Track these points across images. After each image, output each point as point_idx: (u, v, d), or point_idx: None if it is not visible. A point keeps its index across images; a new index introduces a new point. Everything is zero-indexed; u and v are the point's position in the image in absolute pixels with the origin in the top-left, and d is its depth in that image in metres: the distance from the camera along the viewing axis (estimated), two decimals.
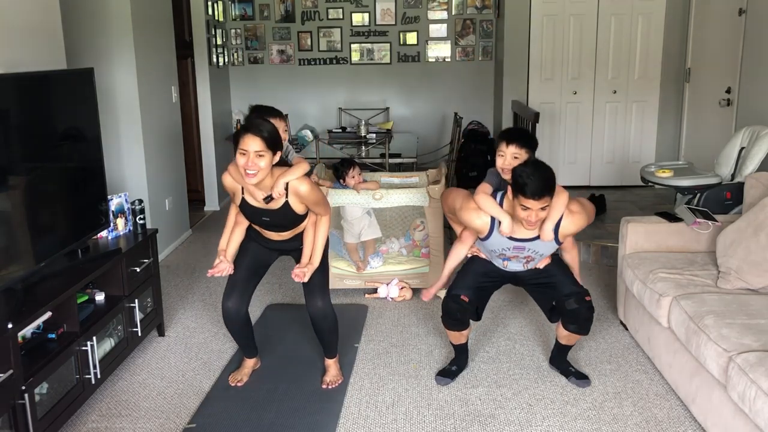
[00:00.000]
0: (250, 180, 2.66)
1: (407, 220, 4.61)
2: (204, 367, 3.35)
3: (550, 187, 2.66)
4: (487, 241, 2.92)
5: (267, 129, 2.65)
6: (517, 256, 2.93)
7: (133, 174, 4.71)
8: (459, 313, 3.01)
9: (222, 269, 2.93)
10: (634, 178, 6.01)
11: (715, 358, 2.51)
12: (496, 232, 2.85)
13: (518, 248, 2.89)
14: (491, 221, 2.85)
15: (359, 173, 4.15)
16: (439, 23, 7.22)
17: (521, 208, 2.69)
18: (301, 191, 2.77)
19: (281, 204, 2.80)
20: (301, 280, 2.91)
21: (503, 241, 2.88)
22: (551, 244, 2.88)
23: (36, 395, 2.50)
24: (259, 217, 2.87)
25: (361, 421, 2.85)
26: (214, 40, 6.57)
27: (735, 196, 4.07)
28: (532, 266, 3.01)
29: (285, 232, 2.96)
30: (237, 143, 2.64)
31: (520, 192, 2.65)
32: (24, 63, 3.12)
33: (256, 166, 2.62)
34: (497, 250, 2.94)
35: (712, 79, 5.60)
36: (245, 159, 2.62)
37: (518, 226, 2.81)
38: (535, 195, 2.62)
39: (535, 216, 2.68)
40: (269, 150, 2.64)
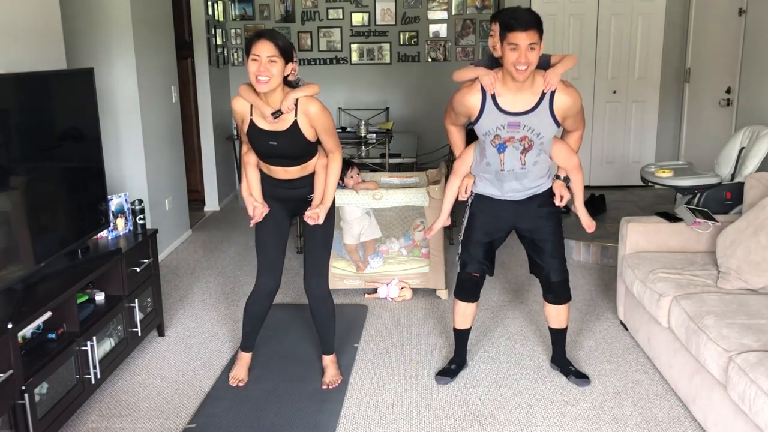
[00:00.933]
0: (261, 87, 2.64)
1: (407, 220, 4.61)
2: (204, 367, 3.35)
3: (537, 21, 2.59)
4: (480, 121, 2.77)
5: (280, 37, 2.65)
6: (513, 137, 2.75)
7: (133, 174, 4.71)
8: (473, 286, 3.06)
9: (260, 212, 2.93)
10: (634, 178, 6.01)
11: (715, 358, 2.51)
12: (489, 107, 2.73)
13: (512, 125, 2.72)
14: (482, 97, 2.74)
15: (357, 173, 4.15)
16: (439, 23, 7.22)
17: (510, 49, 2.57)
18: (310, 110, 2.74)
19: (290, 124, 2.75)
20: (316, 221, 2.89)
21: (496, 117, 2.73)
22: (549, 122, 2.73)
23: (36, 395, 2.50)
24: (266, 142, 2.80)
25: (361, 421, 2.85)
26: (214, 40, 6.57)
27: (735, 196, 4.07)
28: (531, 164, 2.81)
29: (292, 167, 2.88)
30: (249, 50, 2.63)
31: (507, 28, 2.57)
32: (24, 63, 3.12)
33: (269, 71, 2.61)
34: (491, 131, 2.76)
35: (712, 79, 5.60)
36: (257, 64, 2.61)
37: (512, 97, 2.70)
38: (522, 25, 2.53)
39: (525, 56, 2.56)
40: (282, 57, 2.63)
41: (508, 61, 2.61)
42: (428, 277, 4.18)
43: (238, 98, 2.82)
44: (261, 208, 2.94)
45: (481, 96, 2.75)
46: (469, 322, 3.18)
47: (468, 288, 3.08)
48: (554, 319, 3.14)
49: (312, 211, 2.89)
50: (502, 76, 2.71)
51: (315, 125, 2.78)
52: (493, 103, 2.73)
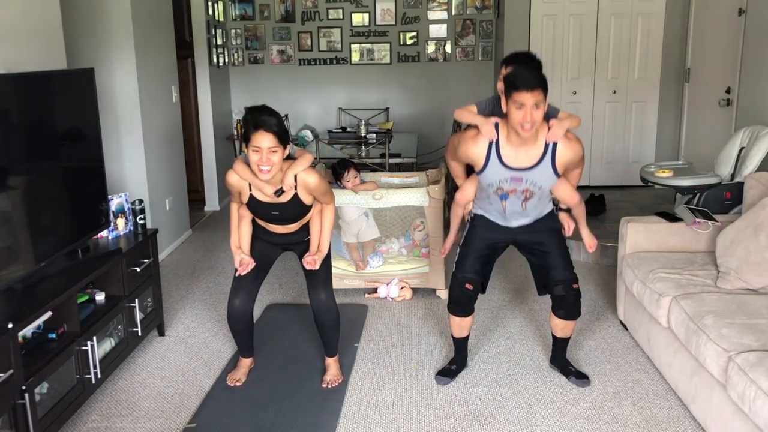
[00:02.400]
0: (264, 176, 2.71)
1: (407, 220, 4.61)
2: (204, 366, 3.36)
3: (542, 80, 2.62)
4: (484, 173, 2.83)
5: (276, 124, 2.69)
6: (515, 189, 2.82)
7: (133, 174, 4.71)
8: (464, 299, 3.04)
9: (247, 263, 2.97)
10: (634, 178, 6.01)
11: (715, 358, 2.51)
12: (493, 160, 2.77)
13: (515, 179, 2.79)
14: (487, 149, 2.78)
15: (355, 176, 4.11)
16: (439, 23, 7.22)
17: (515, 107, 2.61)
18: (310, 183, 2.82)
19: (291, 196, 2.83)
20: (313, 267, 2.95)
21: (500, 171, 2.79)
22: (550, 175, 2.78)
23: (36, 395, 2.50)
24: (268, 212, 2.89)
25: (361, 421, 2.85)
26: (214, 40, 6.57)
27: (735, 196, 4.07)
28: (532, 208, 2.90)
29: (292, 225, 2.98)
30: (248, 141, 2.67)
31: (513, 87, 2.60)
32: (24, 63, 3.12)
33: (270, 161, 2.67)
34: (495, 183, 2.83)
35: (712, 79, 5.60)
36: (259, 156, 2.66)
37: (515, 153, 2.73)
38: (527, 86, 2.56)
39: (530, 115, 2.59)
40: (281, 145, 2.69)
41: (513, 119, 2.66)
42: (428, 277, 4.18)
43: (234, 174, 2.84)
44: (248, 260, 2.99)
45: (486, 149, 2.79)
46: (466, 332, 3.18)
47: (461, 302, 3.06)
48: (561, 330, 3.13)
49: (310, 257, 2.97)
50: (507, 131, 2.75)
51: (314, 193, 2.88)
52: (497, 158, 2.79)
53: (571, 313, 3.03)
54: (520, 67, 2.72)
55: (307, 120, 7.42)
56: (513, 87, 2.60)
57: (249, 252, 3.03)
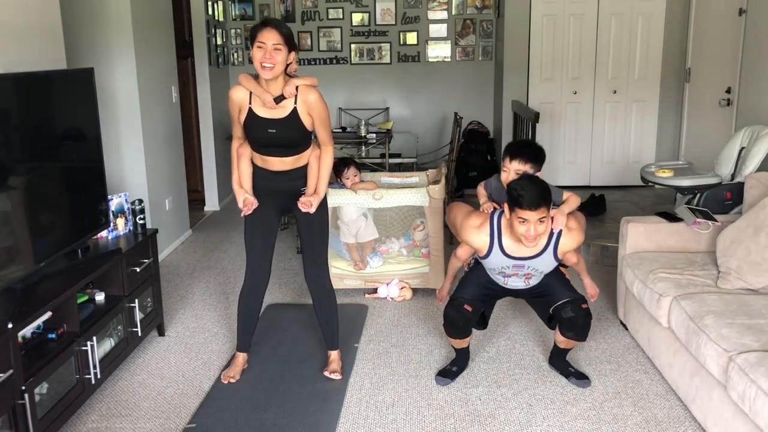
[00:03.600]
0: (266, 74, 2.72)
1: (407, 220, 4.61)
2: (204, 366, 3.35)
3: (546, 198, 2.68)
4: (486, 260, 2.94)
5: (285, 26, 2.74)
6: (517, 273, 2.95)
7: (133, 174, 4.71)
8: (461, 323, 3.01)
9: (251, 203, 2.96)
10: (634, 178, 6.01)
11: (715, 358, 2.51)
12: (495, 251, 2.87)
13: (517, 266, 2.91)
14: (490, 240, 2.86)
15: (355, 174, 4.13)
16: (439, 23, 7.22)
17: (519, 222, 2.69)
18: (310, 98, 2.84)
19: (289, 111, 2.83)
20: (308, 209, 2.93)
21: (502, 260, 2.89)
22: (550, 261, 2.90)
23: (36, 395, 2.50)
24: (265, 129, 2.86)
25: (361, 421, 2.85)
26: (214, 40, 6.57)
27: (735, 196, 4.07)
28: (534, 283, 3.02)
29: (288, 157, 2.93)
30: (254, 37, 2.71)
31: (516, 204, 2.66)
32: (24, 63, 3.12)
33: (273, 59, 2.70)
34: (497, 268, 2.95)
35: (712, 79, 5.60)
36: (262, 52, 2.70)
37: (517, 245, 2.83)
38: (531, 205, 2.63)
39: (534, 230, 2.67)
40: (286, 45, 2.71)
41: (517, 231, 2.73)
42: (428, 277, 4.18)
43: (237, 87, 2.89)
44: (251, 199, 2.97)
45: (488, 240, 2.87)
46: (466, 344, 3.18)
47: (457, 325, 3.02)
48: (565, 344, 3.11)
49: (305, 198, 2.93)
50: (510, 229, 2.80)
51: (312, 113, 2.86)
52: (499, 248, 2.87)
53: (580, 335, 3.00)
54: (525, 183, 2.69)
55: None
56: (517, 204, 2.66)
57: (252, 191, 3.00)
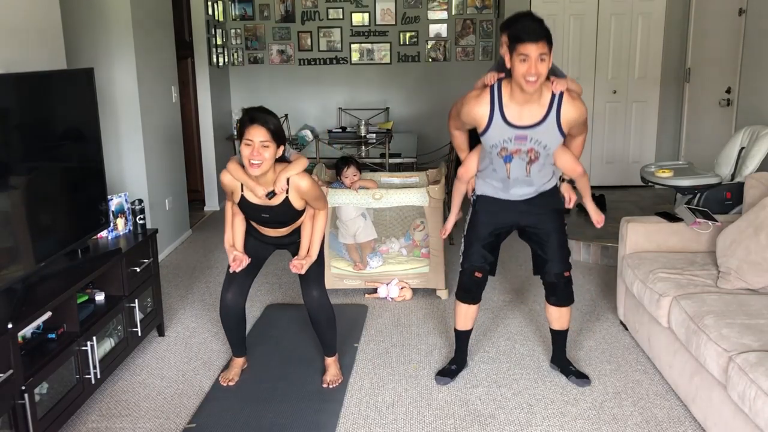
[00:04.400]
0: (254, 171, 2.68)
1: (407, 220, 4.61)
2: (204, 366, 3.35)
3: (547, 32, 2.59)
4: (487, 133, 2.76)
5: (272, 121, 2.69)
6: (519, 149, 2.76)
7: (133, 174, 4.71)
8: (474, 287, 3.05)
9: (240, 260, 2.97)
10: (634, 178, 6.01)
11: (715, 358, 2.51)
12: (496, 118, 2.73)
13: (520, 138, 2.73)
14: (490, 108, 2.73)
15: (354, 173, 4.12)
16: (439, 23, 7.22)
17: (520, 60, 2.56)
18: (302, 187, 2.81)
19: (282, 200, 2.82)
20: (299, 272, 2.95)
21: (504, 130, 2.73)
22: (555, 134, 2.73)
23: (36, 395, 2.50)
24: (258, 214, 2.89)
25: (361, 421, 2.85)
26: (214, 40, 6.57)
27: (735, 196, 4.07)
28: (536, 173, 2.84)
29: (283, 228, 2.98)
30: (242, 134, 2.67)
31: (517, 39, 2.56)
32: (24, 63, 3.12)
33: (261, 156, 2.65)
34: (498, 144, 2.77)
35: (712, 79, 5.60)
36: (250, 149, 2.65)
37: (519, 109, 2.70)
38: (532, 36, 2.53)
39: (535, 67, 2.55)
40: (274, 142, 2.68)
41: (517, 73, 2.60)
42: (428, 277, 4.18)
43: (227, 174, 2.84)
44: (241, 257, 2.99)
45: (489, 108, 2.73)
46: (470, 324, 3.18)
47: (470, 289, 3.07)
48: (556, 321, 3.13)
49: (297, 261, 2.95)
50: (510, 88, 2.71)
51: (306, 197, 2.86)
52: (500, 116, 2.72)
53: (562, 299, 3.04)
54: (524, 20, 2.67)
55: (307, 120, 7.42)
56: (517, 39, 2.56)
57: (243, 249, 3.03)
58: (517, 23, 2.70)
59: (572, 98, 2.72)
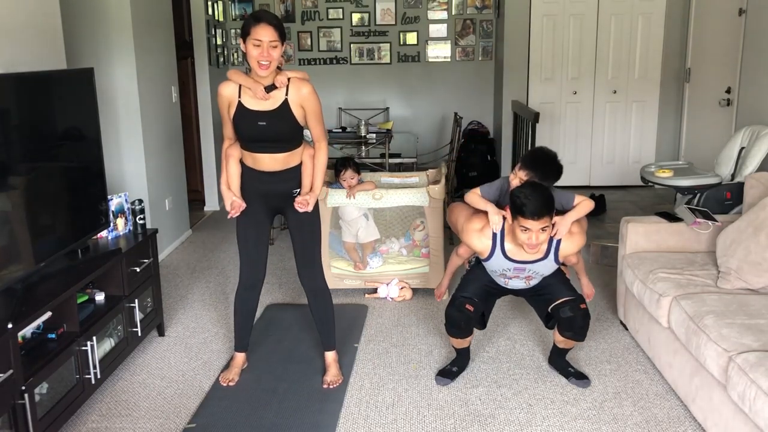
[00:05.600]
0: (263, 72, 2.68)
1: (407, 220, 4.61)
2: (204, 367, 3.35)
3: (550, 207, 2.68)
4: (488, 262, 2.95)
5: (278, 18, 2.71)
6: (518, 276, 2.97)
7: (133, 174, 4.71)
8: (463, 323, 3.02)
9: (238, 206, 2.91)
10: (634, 178, 6.01)
11: (715, 358, 2.51)
12: (497, 254, 2.89)
13: (518, 269, 2.92)
14: (492, 244, 2.88)
15: (352, 176, 4.07)
16: (439, 23, 7.22)
17: (521, 230, 2.71)
18: (303, 91, 2.79)
19: (280, 102, 2.77)
20: (306, 208, 2.89)
21: (504, 263, 2.91)
22: (551, 265, 2.92)
23: (36, 395, 2.50)
24: (254, 123, 2.79)
25: (361, 421, 2.85)
26: (214, 40, 6.56)
27: (735, 196, 4.07)
28: (534, 284, 3.03)
29: (279, 153, 2.86)
30: (248, 33, 2.66)
31: (519, 213, 2.67)
32: (24, 63, 3.12)
33: (270, 56, 2.66)
34: (498, 270, 2.97)
35: (712, 79, 5.60)
36: (260, 50, 2.65)
37: (519, 249, 2.84)
38: (534, 215, 2.64)
39: (536, 238, 2.69)
40: (280, 40, 2.69)
41: (518, 238, 2.75)
42: (428, 277, 4.18)
43: (226, 82, 2.83)
44: (239, 202, 2.92)
45: (490, 243, 2.89)
46: (466, 344, 3.18)
47: (458, 324, 3.03)
48: (564, 344, 3.12)
49: (302, 197, 2.90)
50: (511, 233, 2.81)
51: (305, 106, 2.81)
52: (501, 252, 2.89)
53: (578, 334, 3.00)
54: (529, 192, 2.67)
55: None
56: (520, 213, 2.67)
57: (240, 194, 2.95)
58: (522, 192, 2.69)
59: (571, 234, 2.86)
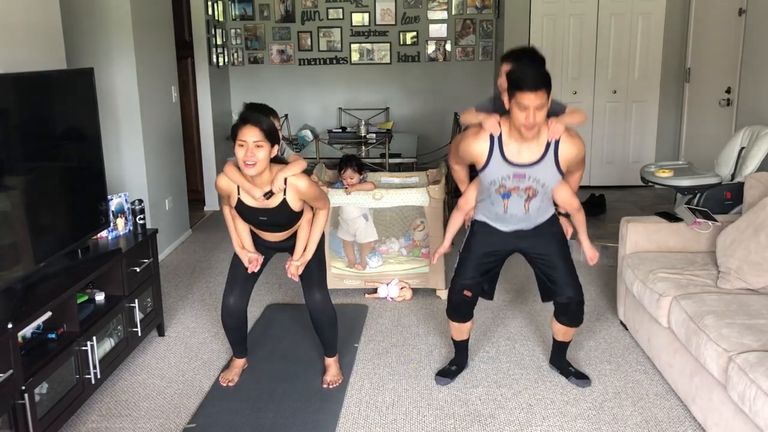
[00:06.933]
0: (249, 171, 2.67)
1: (407, 220, 4.61)
2: (204, 367, 3.35)
3: (546, 80, 2.60)
4: (486, 170, 2.79)
5: (265, 121, 2.69)
6: (518, 187, 2.78)
7: (133, 174, 4.71)
8: (463, 306, 3.02)
9: (256, 260, 2.97)
10: (634, 178, 6.00)
11: (715, 358, 2.51)
12: (495, 155, 2.75)
13: (518, 176, 2.75)
14: (489, 145, 2.75)
15: (352, 175, 4.06)
16: (439, 23, 7.22)
17: (518, 109, 2.59)
18: (300, 187, 2.80)
19: (279, 201, 2.81)
20: (293, 277, 2.96)
21: (502, 168, 2.75)
22: (552, 171, 2.75)
23: (36, 395, 2.50)
24: (256, 217, 2.88)
25: (361, 421, 2.85)
26: (214, 40, 6.57)
27: (735, 196, 4.07)
28: (534, 209, 2.85)
29: (281, 233, 2.97)
30: (235, 135, 2.67)
31: (516, 87, 2.58)
32: (24, 63, 3.11)
33: (255, 157, 2.65)
34: (497, 180, 2.79)
35: (712, 79, 5.60)
36: (244, 150, 2.65)
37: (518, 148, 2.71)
38: (531, 86, 2.54)
39: (533, 115, 2.57)
40: (267, 141, 2.67)
41: (516, 119, 2.63)
42: (428, 277, 4.18)
43: (223, 176, 2.85)
44: (255, 256, 2.99)
45: (488, 145, 2.76)
46: (465, 335, 3.18)
47: (459, 307, 3.04)
48: (562, 335, 3.12)
49: (292, 265, 2.96)
50: (509, 127, 2.73)
51: (305, 197, 2.85)
52: (499, 154, 2.75)
53: (573, 320, 3.01)
54: (525, 66, 2.67)
55: (307, 120, 7.42)
56: (516, 87, 2.58)
57: (254, 249, 3.02)
58: (517, 67, 2.69)
59: (570, 137, 2.75)
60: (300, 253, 2.96)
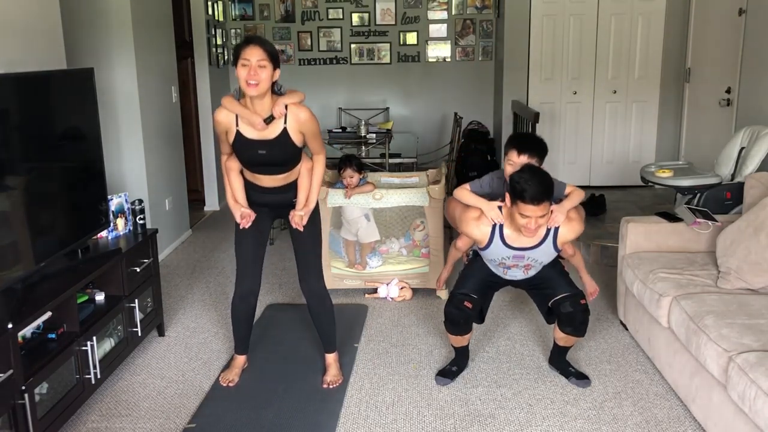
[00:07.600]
0: (251, 91, 2.67)
1: (407, 220, 4.61)
2: (204, 367, 3.35)
3: (549, 192, 2.68)
4: (486, 251, 2.93)
5: (268, 42, 2.71)
6: (517, 264, 2.95)
7: (133, 174, 4.71)
8: (462, 319, 3.02)
9: (248, 216, 2.94)
10: (634, 178, 6.00)
11: (715, 358, 2.51)
12: (496, 241, 2.87)
13: (517, 257, 2.91)
14: (491, 232, 2.86)
15: (351, 175, 4.04)
16: (439, 23, 7.22)
17: (520, 216, 2.70)
18: (301, 117, 2.79)
19: (279, 131, 2.78)
20: (299, 227, 2.94)
21: (502, 250, 2.89)
22: (550, 252, 2.90)
23: (36, 395, 2.50)
24: (254, 151, 2.81)
25: (361, 421, 2.85)
26: (214, 40, 6.56)
27: (735, 196, 4.07)
28: (533, 273, 3.02)
29: (279, 174, 2.90)
30: (238, 55, 2.67)
31: (519, 198, 2.66)
32: (24, 63, 3.12)
33: (258, 76, 2.65)
34: (497, 259, 2.95)
35: (712, 79, 5.60)
36: (247, 69, 2.65)
37: (517, 235, 2.83)
38: (534, 200, 2.63)
39: (535, 223, 2.68)
40: (270, 62, 2.67)
41: (517, 222, 2.74)
42: (428, 277, 4.18)
43: (221, 109, 2.83)
44: (248, 212, 2.96)
45: (489, 232, 2.88)
46: (465, 342, 3.18)
47: (457, 321, 3.04)
48: (564, 341, 3.12)
49: (296, 214, 2.93)
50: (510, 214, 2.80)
51: (304, 130, 2.82)
52: (500, 239, 2.87)
53: (578, 330, 3.02)
54: (529, 177, 2.67)
55: None
56: (520, 198, 2.66)
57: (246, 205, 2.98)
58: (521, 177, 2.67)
59: (570, 221, 2.86)
60: (303, 204, 2.95)
